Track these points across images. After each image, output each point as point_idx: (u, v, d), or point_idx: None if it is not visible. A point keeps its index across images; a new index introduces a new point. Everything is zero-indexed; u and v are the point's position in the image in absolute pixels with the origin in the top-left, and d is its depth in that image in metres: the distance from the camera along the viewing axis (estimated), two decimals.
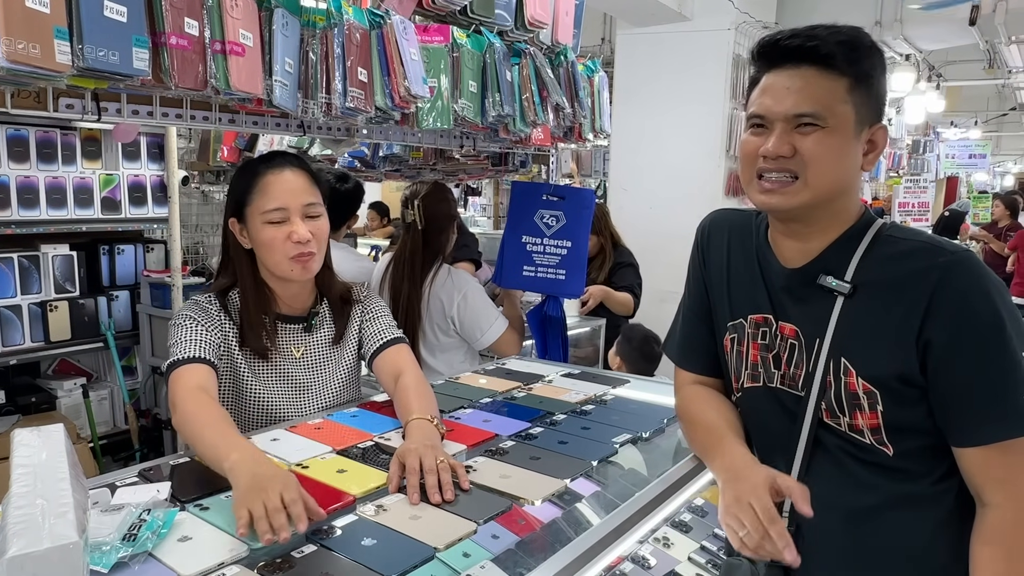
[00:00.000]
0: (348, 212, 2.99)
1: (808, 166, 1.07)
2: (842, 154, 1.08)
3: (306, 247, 1.49)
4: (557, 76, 2.32)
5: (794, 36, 1.08)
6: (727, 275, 1.27)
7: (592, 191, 2.65)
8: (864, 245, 1.12)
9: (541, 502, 1.17)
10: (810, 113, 1.06)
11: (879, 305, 1.08)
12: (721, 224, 1.32)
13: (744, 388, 1.25)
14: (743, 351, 1.24)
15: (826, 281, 1.12)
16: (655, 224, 4.24)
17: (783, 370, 1.18)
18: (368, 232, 7.34)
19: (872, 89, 1.09)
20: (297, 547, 1.02)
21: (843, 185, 1.11)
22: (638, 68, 4.45)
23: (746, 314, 1.23)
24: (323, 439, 1.41)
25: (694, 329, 1.35)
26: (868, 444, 1.11)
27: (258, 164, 1.55)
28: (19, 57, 1.12)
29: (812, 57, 1.07)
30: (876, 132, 1.12)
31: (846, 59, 1.06)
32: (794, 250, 1.17)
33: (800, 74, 1.08)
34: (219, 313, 1.52)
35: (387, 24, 1.76)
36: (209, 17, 1.41)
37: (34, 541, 0.70)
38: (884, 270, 1.09)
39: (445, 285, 2.32)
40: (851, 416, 1.11)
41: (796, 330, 1.16)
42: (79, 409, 3.28)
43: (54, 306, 3.11)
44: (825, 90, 1.06)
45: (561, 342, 2.55)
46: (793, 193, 1.09)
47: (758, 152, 1.10)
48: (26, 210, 3.00)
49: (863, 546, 1.14)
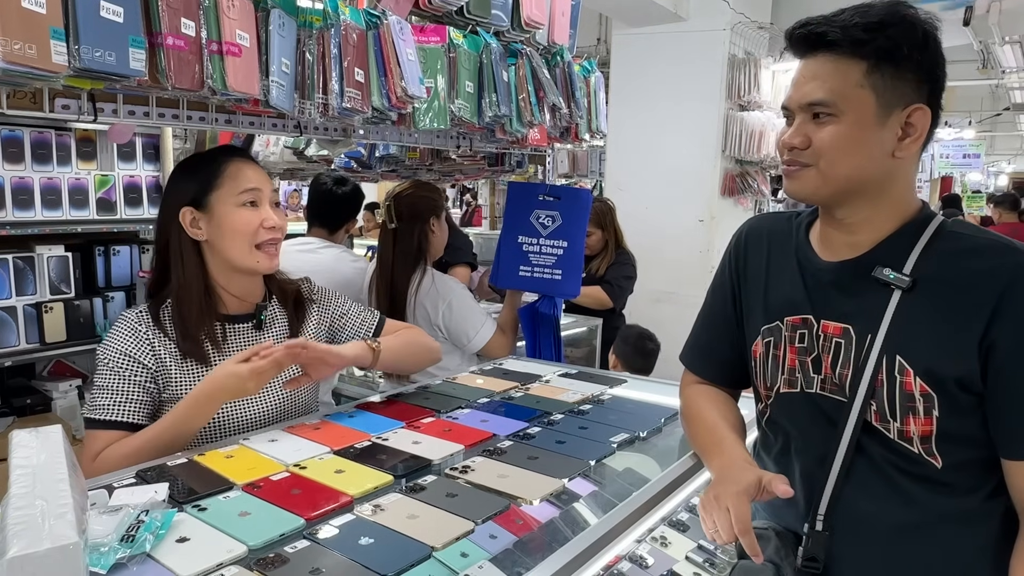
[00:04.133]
0: (348, 215, 3.00)
1: (820, 156, 1.06)
2: (857, 142, 1.04)
3: (277, 234, 1.49)
4: (553, 76, 2.32)
5: (807, 24, 1.06)
6: (765, 280, 1.23)
7: (588, 191, 2.66)
8: (924, 240, 1.07)
9: (539, 502, 1.18)
10: (819, 101, 1.04)
11: (941, 302, 1.03)
12: (759, 231, 1.29)
13: (780, 394, 1.20)
14: (779, 355, 1.19)
15: (883, 273, 1.06)
16: (650, 224, 4.25)
17: (824, 373, 1.12)
18: (364, 233, 7.34)
19: (902, 67, 1.02)
20: (291, 544, 1.02)
21: (868, 174, 1.06)
22: (634, 68, 4.46)
23: (783, 316, 1.18)
24: (321, 439, 1.41)
25: (710, 335, 1.33)
26: (916, 454, 1.05)
27: (218, 153, 1.53)
28: (15, 57, 1.12)
29: (823, 43, 1.04)
30: (913, 113, 1.04)
31: (858, 41, 1.01)
32: (841, 243, 1.13)
33: (814, 62, 1.06)
34: (150, 331, 1.43)
35: (383, 24, 1.76)
36: (206, 18, 1.41)
37: (34, 542, 0.70)
38: (947, 266, 1.04)
39: (429, 293, 2.31)
40: (903, 421, 1.04)
41: (843, 328, 1.10)
42: (75, 411, 3.26)
43: (49, 307, 3.09)
44: (837, 77, 1.03)
45: (553, 341, 2.55)
46: (805, 180, 1.09)
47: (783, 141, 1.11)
48: (21, 211, 2.98)
49: (902, 562, 1.09)
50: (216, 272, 1.50)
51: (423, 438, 1.44)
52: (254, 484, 1.22)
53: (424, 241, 2.33)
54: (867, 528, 1.09)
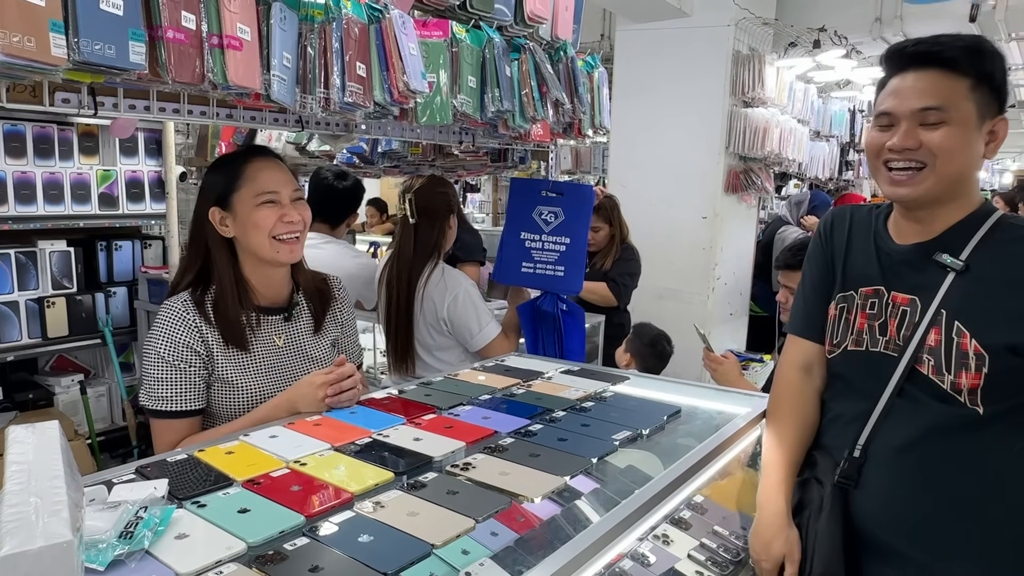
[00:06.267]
0: (348, 209, 2.98)
1: (937, 156, 1.23)
2: (966, 143, 1.23)
3: (295, 228, 1.58)
4: (557, 72, 2.30)
5: (920, 43, 1.25)
6: (845, 255, 1.44)
7: (591, 187, 2.64)
8: (984, 230, 1.27)
9: (540, 499, 1.17)
10: (935, 106, 1.22)
11: (996, 281, 1.23)
12: (843, 216, 1.50)
13: (848, 351, 1.41)
14: (851, 319, 1.41)
15: (941, 258, 1.27)
16: (654, 221, 4.23)
17: (889, 335, 1.33)
18: (367, 228, 7.34)
19: (994, 88, 1.24)
20: (291, 541, 1.02)
21: (968, 173, 1.27)
22: (638, 64, 4.44)
23: (858, 287, 1.40)
24: (321, 436, 1.41)
25: (814, 304, 1.50)
26: (961, 402, 1.25)
27: (242, 154, 1.63)
28: (14, 50, 1.11)
29: (937, 60, 1.23)
30: (997, 124, 1.26)
31: (968, 62, 1.22)
32: (918, 231, 1.33)
33: (926, 75, 1.24)
34: (195, 316, 1.54)
35: (386, 18, 1.74)
36: (206, 11, 1.40)
37: (27, 540, 0.69)
38: (1003, 250, 1.25)
39: (438, 286, 2.31)
40: (956, 374, 1.24)
41: (911, 298, 1.31)
42: (77, 406, 3.27)
43: (51, 302, 3.10)
44: (949, 88, 1.22)
45: (556, 338, 2.54)
46: (920, 182, 1.25)
47: (884, 146, 1.27)
48: (23, 206, 2.98)
49: (932, 481, 1.28)
50: (246, 266, 1.61)
51: (424, 435, 1.43)
52: (254, 480, 1.21)
53: (441, 237, 2.37)
54: (898, 456, 1.31)
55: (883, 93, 1.31)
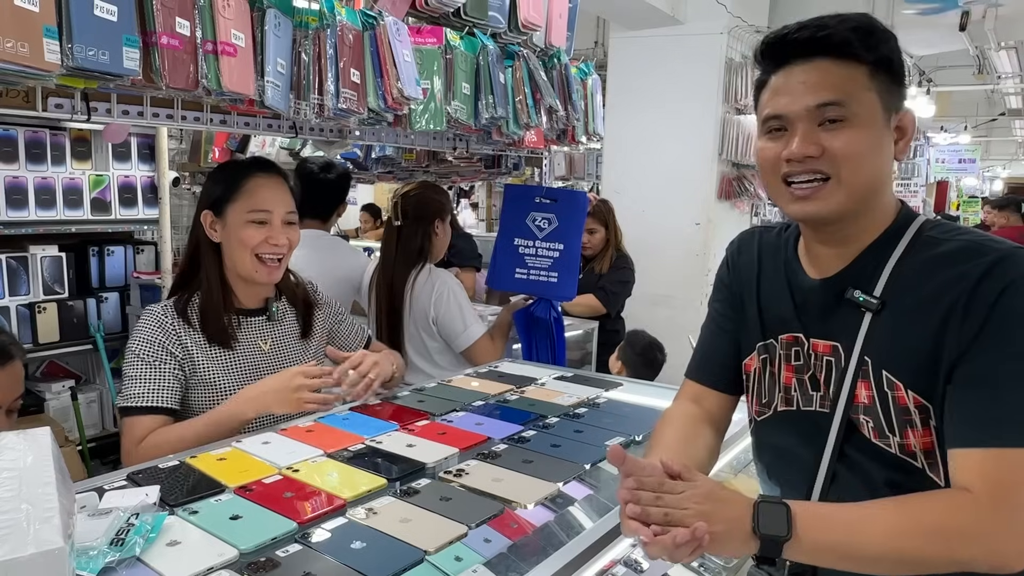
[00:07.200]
0: (337, 200, 2.94)
1: (842, 164, 0.99)
2: (875, 145, 1.00)
3: (279, 251, 1.58)
4: (550, 78, 2.31)
5: (802, 28, 1.01)
6: (757, 294, 1.20)
7: (585, 194, 2.66)
8: (901, 249, 1.04)
9: (533, 505, 1.17)
10: (834, 101, 0.99)
11: (917, 316, 0.99)
12: (750, 242, 1.25)
13: (777, 411, 1.16)
14: (775, 373, 1.15)
15: (853, 296, 1.04)
16: (647, 227, 4.24)
17: (823, 391, 1.09)
18: (361, 234, 7.33)
19: (893, 73, 1.02)
20: (283, 547, 1.01)
21: (881, 180, 1.03)
22: (631, 71, 4.46)
23: (777, 334, 1.15)
24: (314, 442, 1.40)
25: (714, 343, 1.27)
26: (919, 469, 1.00)
27: (247, 165, 1.62)
28: (7, 56, 1.11)
29: (825, 47, 1.00)
30: (903, 118, 1.04)
31: (863, 45, 0.99)
32: (830, 257, 1.09)
33: (815, 67, 1.00)
34: (175, 322, 1.55)
35: (380, 25, 1.75)
36: (201, 17, 1.40)
37: (18, 547, 0.69)
38: (922, 277, 1.00)
39: (424, 286, 2.33)
40: (902, 435, 1.00)
41: (832, 345, 1.07)
42: (67, 411, 3.25)
43: (42, 308, 3.08)
44: (845, 78, 0.99)
45: (550, 344, 2.54)
46: (828, 195, 1.01)
47: (780, 157, 1.03)
48: (15, 211, 2.97)
49: None
50: (229, 273, 1.61)
51: (417, 441, 1.43)
52: (246, 487, 1.21)
53: (427, 242, 2.35)
54: None
55: (765, 94, 1.07)
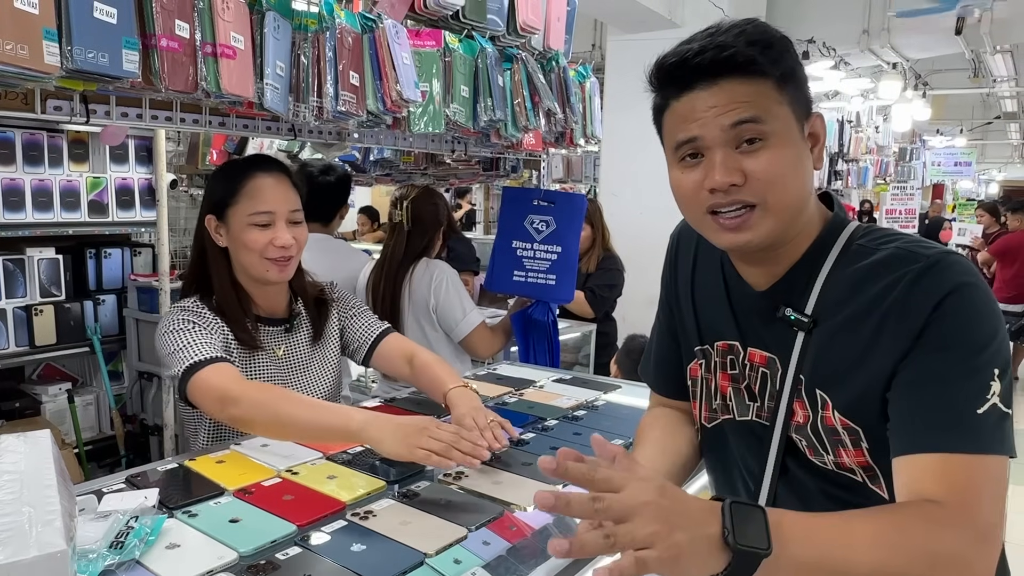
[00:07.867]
0: (339, 203, 2.96)
1: (767, 189, 0.93)
2: (796, 162, 0.95)
3: (287, 252, 1.53)
4: (549, 81, 2.32)
5: (702, 52, 0.93)
6: (692, 295, 1.14)
7: (583, 196, 2.66)
8: (830, 263, 0.99)
9: (533, 508, 1.17)
10: (750, 118, 0.92)
11: (850, 334, 0.95)
12: (690, 235, 1.16)
13: (715, 420, 1.12)
14: (711, 380, 1.11)
15: (785, 314, 0.99)
16: (645, 230, 4.24)
17: (759, 401, 1.05)
18: (358, 236, 7.33)
19: (798, 81, 0.97)
20: (283, 550, 1.01)
21: (806, 197, 0.98)
22: (629, 74, 4.45)
23: (713, 340, 1.10)
24: (313, 444, 1.40)
25: (666, 349, 1.22)
26: (860, 483, 0.97)
27: (246, 165, 1.56)
28: (6, 58, 1.11)
29: (729, 67, 0.93)
30: (814, 123, 0.99)
31: (767, 59, 0.93)
32: (758, 275, 1.04)
33: (722, 89, 0.93)
34: (209, 314, 1.52)
35: (379, 28, 1.75)
36: (200, 19, 1.40)
37: (21, 549, 0.69)
38: (854, 290, 0.96)
39: (423, 276, 2.36)
40: (835, 454, 0.97)
41: (768, 357, 1.03)
42: (64, 414, 3.24)
43: (39, 310, 3.07)
44: (756, 95, 0.93)
45: (548, 346, 2.55)
46: (757, 224, 0.94)
47: (702, 186, 0.95)
48: (11, 213, 2.96)
49: None
50: (240, 276, 1.57)
51: None
52: (245, 490, 1.21)
53: (430, 245, 2.42)
54: None
55: (669, 120, 1.01)
